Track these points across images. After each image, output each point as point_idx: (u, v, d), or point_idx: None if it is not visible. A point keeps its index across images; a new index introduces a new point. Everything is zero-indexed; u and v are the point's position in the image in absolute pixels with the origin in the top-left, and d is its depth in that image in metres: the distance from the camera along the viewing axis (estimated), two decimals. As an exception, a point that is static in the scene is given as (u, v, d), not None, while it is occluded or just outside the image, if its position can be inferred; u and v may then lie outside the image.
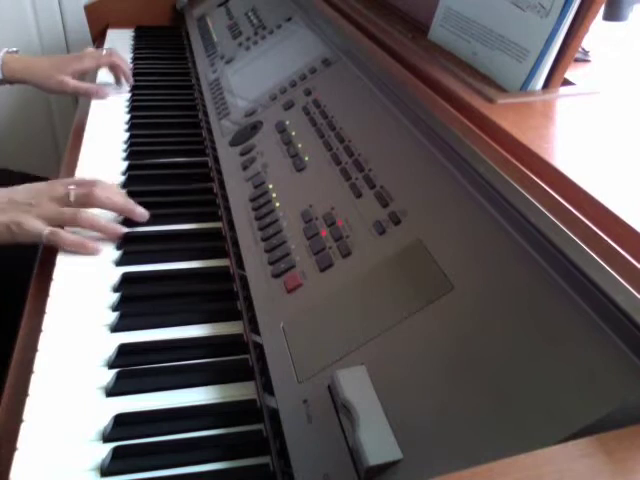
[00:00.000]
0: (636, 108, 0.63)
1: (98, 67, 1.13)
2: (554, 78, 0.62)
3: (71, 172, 0.86)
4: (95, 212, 0.74)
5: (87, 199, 0.73)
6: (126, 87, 1.15)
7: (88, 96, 1.10)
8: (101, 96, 1.09)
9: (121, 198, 0.76)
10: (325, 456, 0.43)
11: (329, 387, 0.46)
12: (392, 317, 0.48)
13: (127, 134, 0.98)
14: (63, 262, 0.69)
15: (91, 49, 1.14)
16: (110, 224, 0.74)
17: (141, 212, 0.76)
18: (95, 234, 0.73)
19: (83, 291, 0.65)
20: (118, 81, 1.14)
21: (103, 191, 0.74)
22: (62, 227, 0.71)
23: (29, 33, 1.58)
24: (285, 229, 0.64)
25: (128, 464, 0.48)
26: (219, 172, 0.83)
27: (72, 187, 0.73)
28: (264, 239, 0.65)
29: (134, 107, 1.08)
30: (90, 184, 0.74)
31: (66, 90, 1.08)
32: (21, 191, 0.72)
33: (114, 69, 1.13)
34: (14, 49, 1.11)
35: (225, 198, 0.77)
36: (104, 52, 1.12)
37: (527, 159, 0.51)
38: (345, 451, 0.42)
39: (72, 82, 1.07)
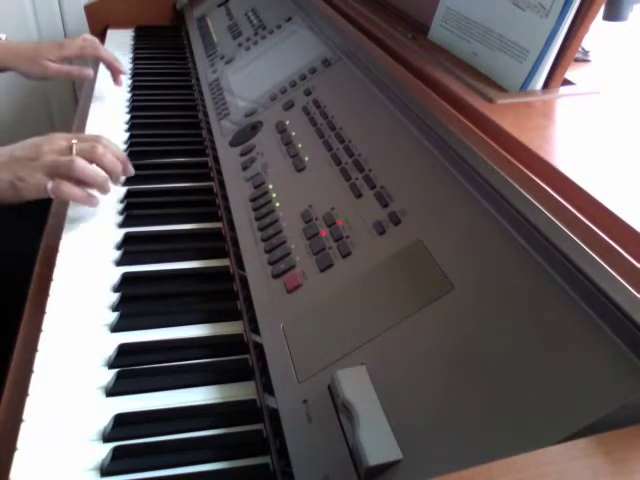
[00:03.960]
0: (636, 108, 0.63)
1: (82, 56, 1.10)
2: (554, 78, 0.62)
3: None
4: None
5: (90, 154, 0.73)
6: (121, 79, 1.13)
7: (71, 78, 1.09)
8: (84, 77, 1.09)
9: (122, 155, 0.78)
10: (325, 456, 0.43)
11: (329, 387, 0.46)
12: (392, 317, 0.48)
13: (127, 134, 0.98)
14: (63, 262, 0.69)
15: (83, 36, 1.12)
16: (101, 179, 0.74)
17: (131, 169, 0.79)
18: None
19: (83, 291, 0.65)
20: (116, 80, 1.12)
21: (106, 148, 0.75)
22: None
23: (29, 33, 1.58)
24: (285, 229, 0.64)
25: (128, 464, 0.48)
26: (219, 172, 0.83)
27: (75, 141, 0.74)
28: (264, 239, 0.65)
29: (134, 107, 1.08)
30: (93, 139, 0.76)
31: (48, 74, 1.07)
32: (21, 147, 0.72)
33: (104, 63, 1.12)
34: (1, 35, 1.10)
35: (225, 198, 0.77)
36: (93, 43, 1.10)
37: (527, 159, 0.51)
38: (345, 451, 0.42)
39: (53, 65, 1.06)
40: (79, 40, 1.11)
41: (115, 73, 1.12)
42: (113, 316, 0.62)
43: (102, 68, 1.22)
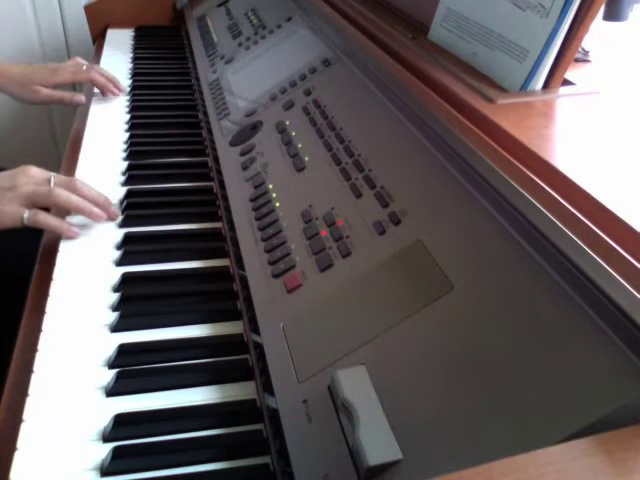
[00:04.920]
0: (636, 108, 0.63)
1: (75, 82, 1.09)
2: (554, 78, 0.62)
3: (71, 172, 0.86)
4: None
5: (68, 184, 0.73)
6: (120, 92, 1.12)
7: (63, 103, 1.08)
8: (76, 102, 1.07)
9: (100, 193, 0.77)
10: (325, 456, 0.43)
11: (329, 387, 0.46)
12: (392, 317, 0.48)
13: (127, 134, 0.98)
14: (63, 262, 0.69)
15: (75, 60, 1.11)
16: (88, 204, 0.74)
17: (115, 211, 0.77)
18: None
19: (83, 291, 0.65)
20: (104, 94, 1.11)
21: (84, 184, 0.75)
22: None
23: (29, 34, 1.58)
24: (285, 229, 0.64)
25: (128, 464, 0.48)
26: (219, 172, 0.83)
27: (53, 174, 0.74)
28: (264, 239, 0.65)
29: (134, 107, 1.08)
30: (69, 177, 0.76)
31: (39, 99, 1.06)
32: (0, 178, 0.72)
33: (96, 85, 1.10)
34: None
35: (225, 198, 0.77)
36: (84, 67, 1.09)
37: (527, 159, 0.51)
38: (345, 451, 0.42)
39: (45, 91, 1.05)
40: (71, 64, 1.09)
41: (108, 93, 1.11)
42: (113, 316, 0.62)
43: (102, 64, 1.22)
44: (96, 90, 1.11)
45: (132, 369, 0.56)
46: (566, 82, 0.65)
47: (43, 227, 0.72)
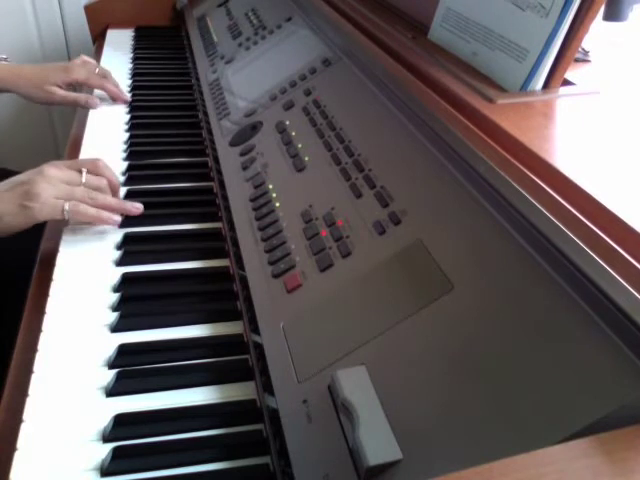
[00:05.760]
0: (636, 108, 0.63)
1: (87, 84, 1.09)
2: (554, 78, 0.62)
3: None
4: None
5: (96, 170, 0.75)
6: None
7: (77, 105, 1.08)
8: (91, 105, 1.06)
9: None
10: (325, 456, 0.43)
11: (329, 387, 0.46)
12: (392, 317, 0.48)
13: (127, 134, 0.98)
14: (63, 262, 0.69)
15: (82, 58, 1.11)
16: (121, 202, 0.76)
17: (135, 204, 0.78)
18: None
19: (83, 291, 0.65)
20: (114, 100, 1.11)
21: (107, 166, 0.77)
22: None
23: (29, 33, 1.58)
24: (285, 229, 0.64)
25: (128, 464, 0.48)
26: (219, 172, 0.83)
27: (84, 171, 0.74)
28: (264, 239, 0.65)
29: (134, 107, 1.08)
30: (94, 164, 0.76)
31: (54, 100, 1.05)
32: (19, 176, 0.71)
33: (108, 93, 1.10)
34: (3, 56, 1.09)
35: (225, 198, 0.77)
36: (97, 70, 1.09)
37: (527, 159, 0.51)
38: (345, 451, 0.42)
39: (60, 92, 1.04)
40: (80, 62, 1.09)
41: (119, 101, 1.11)
42: (113, 316, 0.62)
43: (102, 64, 1.22)
44: (96, 92, 1.11)
45: (132, 369, 0.56)
46: (566, 82, 0.65)
47: (82, 219, 0.71)
